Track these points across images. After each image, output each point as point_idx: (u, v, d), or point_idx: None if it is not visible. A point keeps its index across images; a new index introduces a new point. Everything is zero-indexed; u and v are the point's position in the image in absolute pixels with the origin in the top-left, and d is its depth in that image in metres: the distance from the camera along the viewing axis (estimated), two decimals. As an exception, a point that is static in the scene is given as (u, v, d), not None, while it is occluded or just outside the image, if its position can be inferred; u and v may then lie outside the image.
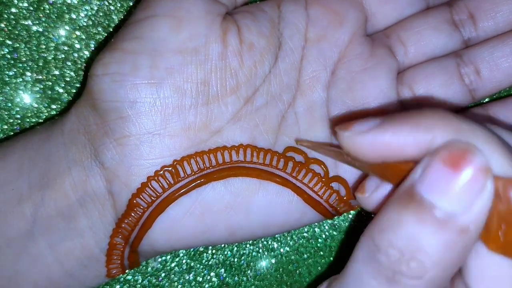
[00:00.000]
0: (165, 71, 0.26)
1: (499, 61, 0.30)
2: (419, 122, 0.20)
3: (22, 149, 0.28)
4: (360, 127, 0.21)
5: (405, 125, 0.20)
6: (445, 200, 0.18)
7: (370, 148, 0.21)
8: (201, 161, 0.27)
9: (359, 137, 0.21)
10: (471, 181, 0.18)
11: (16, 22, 0.32)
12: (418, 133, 0.19)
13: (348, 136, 0.21)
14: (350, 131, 0.21)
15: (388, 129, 0.20)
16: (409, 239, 0.18)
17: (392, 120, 0.20)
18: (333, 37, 0.29)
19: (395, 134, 0.20)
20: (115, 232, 0.27)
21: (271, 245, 0.34)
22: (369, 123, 0.21)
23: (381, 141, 0.20)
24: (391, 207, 0.19)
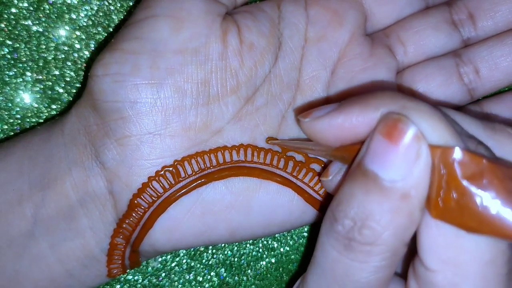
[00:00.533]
0: (165, 72, 0.26)
1: (498, 60, 0.30)
2: (368, 102, 0.21)
3: (22, 149, 0.28)
4: (317, 113, 0.22)
5: (356, 107, 0.21)
6: (386, 169, 0.20)
7: (327, 131, 0.22)
8: (202, 161, 0.27)
9: (317, 122, 0.22)
10: (406, 149, 0.19)
11: (16, 22, 0.32)
12: (367, 113, 0.21)
13: (307, 122, 0.22)
14: (309, 117, 0.22)
15: (341, 111, 0.21)
16: (360, 208, 0.20)
17: (346, 103, 0.22)
18: (333, 37, 0.30)
19: (347, 115, 0.21)
20: (116, 232, 0.27)
21: (271, 245, 0.34)
22: (326, 109, 0.22)
23: (335, 124, 0.22)
24: (346, 181, 0.21)
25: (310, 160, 0.28)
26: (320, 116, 0.22)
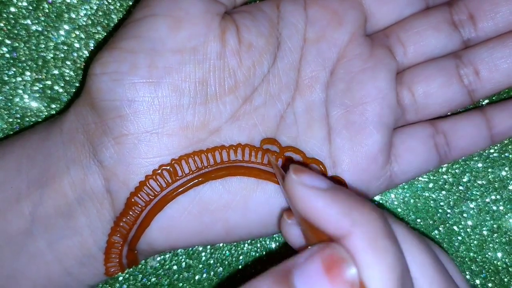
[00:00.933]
0: (163, 70, 0.26)
1: (499, 62, 0.30)
2: (350, 212, 0.20)
3: (21, 148, 0.28)
4: (308, 180, 0.21)
5: (340, 207, 0.20)
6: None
7: (301, 201, 0.21)
8: (199, 160, 0.27)
9: (300, 187, 0.21)
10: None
11: (15, 21, 0.32)
12: (342, 221, 0.20)
13: (293, 179, 0.21)
14: (297, 176, 0.21)
15: (325, 198, 0.20)
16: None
17: (335, 193, 0.21)
18: (332, 37, 0.29)
19: (326, 206, 0.20)
20: (113, 231, 0.27)
21: (269, 245, 0.34)
22: (317, 182, 0.21)
23: (313, 203, 0.20)
24: (269, 272, 0.20)
25: (308, 160, 0.28)
26: (307, 185, 0.21)
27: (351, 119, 0.29)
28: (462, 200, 0.34)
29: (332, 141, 0.29)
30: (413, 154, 0.30)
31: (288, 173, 0.22)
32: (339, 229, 0.20)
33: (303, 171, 0.22)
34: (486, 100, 0.34)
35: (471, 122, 0.31)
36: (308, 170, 0.22)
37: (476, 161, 0.34)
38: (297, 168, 0.22)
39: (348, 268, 0.19)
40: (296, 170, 0.22)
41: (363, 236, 0.19)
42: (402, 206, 0.34)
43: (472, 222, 0.34)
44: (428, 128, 0.31)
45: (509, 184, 0.34)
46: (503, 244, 0.34)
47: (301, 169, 0.22)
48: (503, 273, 0.34)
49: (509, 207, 0.34)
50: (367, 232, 0.19)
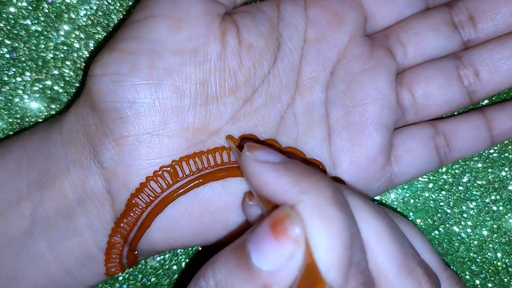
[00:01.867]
0: (164, 72, 0.26)
1: (499, 63, 0.30)
2: (300, 182, 0.20)
3: (21, 148, 0.28)
4: (260, 155, 0.22)
5: (290, 177, 0.21)
6: (259, 256, 0.20)
7: (255, 176, 0.22)
8: (200, 161, 0.27)
9: (254, 162, 0.22)
10: (282, 247, 0.20)
11: (15, 21, 0.32)
12: (291, 191, 0.20)
13: (247, 155, 0.22)
14: (251, 153, 0.22)
15: (276, 170, 0.21)
16: (226, 277, 0.21)
17: (287, 166, 0.21)
18: (332, 38, 0.29)
19: (277, 178, 0.21)
20: (114, 232, 0.27)
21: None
22: (270, 157, 0.22)
23: (265, 176, 0.21)
24: (229, 246, 0.22)
25: (308, 161, 0.28)
26: (260, 160, 0.22)
27: (351, 120, 0.29)
28: (462, 200, 0.34)
29: (332, 142, 0.29)
30: (413, 155, 0.30)
31: (243, 151, 0.22)
32: (289, 199, 0.20)
33: (256, 147, 0.22)
34: (486, 101, 0.34)
35: (471, 123, 0.31)
36: (262, 146, 0.23)
37: (476, 161, 0.34)
38: (250, 145, 0.23)
39: (292, 225, 0.20)
40: (249, 147, 0.22)
41: (311, 203, 0.20)
42: (402, 206, 0.34)
43: (472, 222, 0.34)
44: (428, 129, 0.31)
45: (509, 185, 0.34)
46: (503, 244, 0.34)
47: (255, 145, 0.23)
48: (503, 273, 0.34)
49: (509, 208, 0.34)
50: (314, 199, 0.20)
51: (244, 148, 0.22)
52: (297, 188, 0.20)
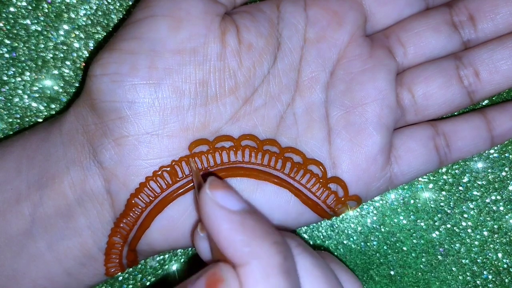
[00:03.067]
0: (163, 72, 0.26)
1: (499, 63, 0.30)
2: (252, 242, 0.20)
3: (20, 148, 0.28)
4: (220, 198, 0.21)
5: (243, 234, 0.20)
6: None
7: (209, 218, 0.21)
8: (199, 161, 0.27)
9: (211, 203, 0.21)
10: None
11: (14, 21, 0.32)
12: (241, 250, 0.20)
13: (206, 194, 0.21)
14: (212, 192, 0.21)
15: (232, 222, 0.20)
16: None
17: (244, 218, 0.21)
18: (332, 37, 0.29)
19: (230, 231, 0.20)
20: (113, 232, 0.27)
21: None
22: (229, 202, 0.21)
23: (219, 224, 0.21)
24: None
25: (308, 161, 0.28)
26: (219, 204, 0.21)
27: (351, 120, 0.29)
28: (462, 200, 0.34)
29: (332, 142, 0.29)
30: (413, 155, 0.30)
31: (204, 186, 0.21)
32: (237, 258, 0.20)
33: (219, 187, 0.21)
34: (486, 101, 0.34)
35: (472, 124, 0.31)
36: (226, 186, 0.22)
37: (476, 161, 0.34)
38: (213, 183, 0.22)
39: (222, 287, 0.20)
40: (212, 185, 0.21)
41: (258, 270, 0.20)
42: (402, 206, 0.34)
43: (473, 222, 0.34)
44: (428, 129, 0.31)
45: (509, 185, 0.34)
46: (504, 244, 0.34)
47: (218, 184, 0.21)
48: (504, 273, 0.34)
49: (509, 208, 0.34)
50: (262, 266, 0.20)
51: (206, 184, 0.21)
52: (247, 249, 0.20)
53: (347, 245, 0.34)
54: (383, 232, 0.34)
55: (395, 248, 0.34)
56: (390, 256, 0.34)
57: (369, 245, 0.34)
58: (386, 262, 0.34)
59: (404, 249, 0.34)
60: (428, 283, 0.34)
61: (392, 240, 0.34)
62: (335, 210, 0.29)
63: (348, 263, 0.34)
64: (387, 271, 0.34)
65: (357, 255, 0.34)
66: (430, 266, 0.34)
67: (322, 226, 0.34)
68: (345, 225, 0.34)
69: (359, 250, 0.34)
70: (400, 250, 0.34)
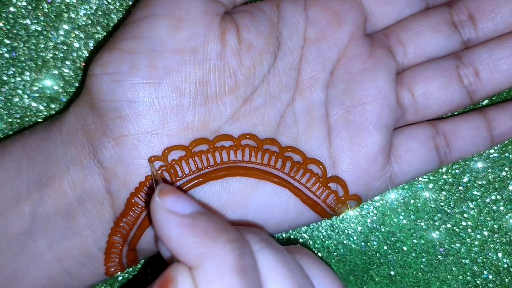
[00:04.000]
0: (163, 71, 0.26)
1: (499, 63, 0.30)
2: (204, 243, 0.20)
3: (20, 148, 0.28)
4: (170, 204, 0.21)
5: (194, 236, 0.20)
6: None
7: (160, 226, 0.21)
8: (199, 160, 0.27)
9: (161, 210, 0.21)
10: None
11: (14, 21, 0.32)
12: (193, 252, 0.20)
13: (156, 202, 0.21)
14: (161, 199, 0.21)
15: (182, 226, 0.20)
16: None
17: (195, 220, 0.21)
18: (332, 37, 0.29)
19: (181, 235, 0.20)
20: (113, 231, 0.27)
21: (269, 245, 0.34)
22: (179, 206, 0.21)
23: (169, 230, 0.21)
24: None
25: (307, 160, 0.28)
26: (168, 210, 0.21)
27: (351, 119, 0.29)
28: (462, 200, 0.34)
29: (332, 141, 0.29)
30: (413, 155, 0.30)
31: (153, 196, 0.21)
32: (191, 260, 0.20)
33: (168, 193, 0.21)
34: (486, 101, 0.34)
35: (472, 123, 0.31)
36: (175, 191, 0.21)
37: (476, 161, 0.34)
38: (163, 189, 0.21)
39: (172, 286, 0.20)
40: (161, 192, 0.21)
41: (211, 270, 0.20)
42: (402, 206, 0.34)
43: (473, 222, 0.34)
44: (428, 129, 0.31)
45: (509, 184, 0.34)
46: (504, 244, 0.34)
47: (167, 191, 0.21)
48: (504, 273, 0.34)
49: (510, 207, 0.34)
50: (215, 266, 0.20)
51: (155, 192, 0.21)
52: (200, 251, 0.20)
53: (347, 245, 0.34)
54: (383, 232, 0.34)
55: (395, 248, 0.34)
56: (390, 256, 0.34)
57: (369, 245, 0.34)
58: (386, 262, 0.34)
59: (404, 249, 0.34)
60: (429, 283, 0.34)
61: (392, 240, 0.34)
62: (335, 209, 0.29)
63: (348, 263, 0.34)
64: (387, 271, 0.34)
65: (357, 255, 0.34)
66: (430, 266, 0.34)
67: (322, 226, 0.34)
68: (345, 225, 0.34)
69: (359, 250, 0.34)
70: (400, 250, 0.34)
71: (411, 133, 0.31)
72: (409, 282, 0.34)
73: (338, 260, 0.34)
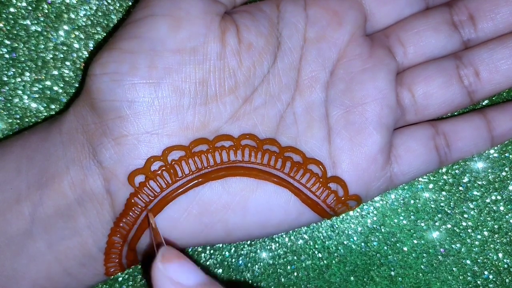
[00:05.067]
0: (163, 71, 0.26)
1: (499, 63, 0.30)
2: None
3: (20, 148, 0.28)
4: (173, 273, 0.21)
5: None
6: None
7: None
8: (199, 160, 0.27)
9: (163, 277, 0.21)
10: None
11: (14, 21, 0.32)
12: None
13: (158, 267, 0.21)
14: (164, 266, 0.21)
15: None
16: None
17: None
18: (332, 37, 0.29)
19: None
20: (113, 231, 0.27)
21: (269, 246, 0.34)
22: (183, 277, 0.21)
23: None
24: None
25: (307, 161, 0.28)
26: (171, 279, 0.21)
27: (351, 119, 0.29)
28: (462, 200, 0.34)
29: (332, 142, 0.29)
30: (413, 155, 0.30)
31: (156, 259, 0.21)
32: None
33: (172, 259, 0.21)
34: (486, 101, 0.34)
35: (472, 124, 0.31)
36: (180, 257, 0.21)
37: (476, 161, 0.34)
38: (167, 254, 0.21)
39: None
40: (165, 257, 0.21)
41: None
42: (403, 207, 0.34)
43: (473, 223, 0.34)
44: (428, 129, 0.31)
45: (509, 185, 0.34)
46: (504, 244, 0.34)
47: (171, 256, 0.21)
48: (504, 273, 0.34)
49: (510, 208, 0.34)
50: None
51: (158, 256, 0.21)
52: None
53: (347, 246, 0.34)
54: (383, 232, 0.34)
55: (396, 249, 0.34)
56: (390, 257, 0.34)
57: (370, 246, 0.34)
58: (386, 262, 0.34)
59: (405, 250, 0.34)
60: (429, 283, 0.34)
61: (393, 240, 0.34)
62: (335, 209, 0.29)
63: (349, 264, 0.34)
64: (387, 272, 0.34)
65: (358, 256, 0.34)
66: (431, 266, 0.34)
67: (322, 227, 0.34)
68: (345, 226, 0.34)
69: (360, 250, 0.34)
70: (400, 250, 0.34)
71: (411, 133, 0.31)
72: (409, 283, 0.34)
73: (338, 261, 0.34)
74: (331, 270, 0.34)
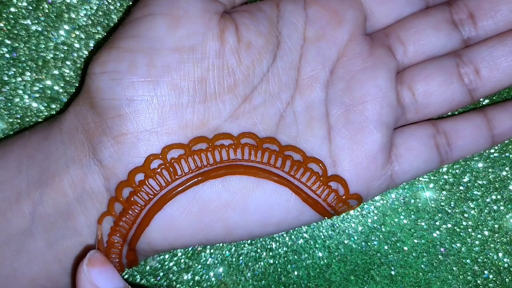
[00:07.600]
0: (162, 69, 0.26)
1: (499, 60, 0.30)
2: None
3: (21, 147, 0.28)
4: (94, 276, 0.22)
5: None
6: None
7: None
8: (199, 159, 0.27)
9: (85, 279, 0.22)
10: None
11: (15, 21, 0.32)
12: None
13: (83, 270, 0.22)
14: (88, 268, 0.22)
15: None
16: None
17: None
18: (332, 36, 0.29)
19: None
20: (113, 230, 0.27)
21: (270, 245, 0.34)
22: (102, 283, 0.22)
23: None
24: None
25: (308, 159, 0.28)
26: (91, 282, 0.22)
27: (351, 118, 0.29)
28: (462, 200, 0.34)
29: (332, 140, 0.29)
30: (414, 154, 0.30)
31: (82, 261, 0.22)
32: None
33: (96, 264, 0.22)
34: (487, 100, 0.34)
35: (472, 123, 0.31)
36: (104, 263, 0.22)
37: (476, 161, 0.34)
38: (93, 258, 0.22)
39: None
40: (89, 261, 0.22)
41: None
42: (403, 206, 0.34)
43: (473, 222, 0.34)
44: (429, 128, 0.31)
45: (510, 184, 0.34)
46: (504, 244, 0.34)
47: (95, 261, 0.22)
48: (504, 273, 0.34)
49: (510, 207, 0.34)
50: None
51: (85, 259, 0.22)
52: None
53: (348, 245, 0.34)
54: (383, 232, 0.34)
55: (396, 248, 0.34)
56: (391, 256, 0.34)
57: (370, 245, 0.34)
58: (387, 262, 0.34)
59: (405, 249, 0.34)
60: (429, 283, 0.34)
61: (393, 240, 0.34)
62: (336, 208, 0.29)
63: (349, 263, 0.34)
64: (388, 271, 0.34)
65: (358, 255, 0.34)
66: (431, 266, 0.34)
67: (323, 226, 0.34)
68: (345, 225, 0.34)
69: (360, 250, 0.34)
70: (401, 250, 0.34)
71: (411, 132, 0.31)
72: (409, 282, 0.34)
73: (339, 260, 0.34)
74: (331, 269, 0.34)
